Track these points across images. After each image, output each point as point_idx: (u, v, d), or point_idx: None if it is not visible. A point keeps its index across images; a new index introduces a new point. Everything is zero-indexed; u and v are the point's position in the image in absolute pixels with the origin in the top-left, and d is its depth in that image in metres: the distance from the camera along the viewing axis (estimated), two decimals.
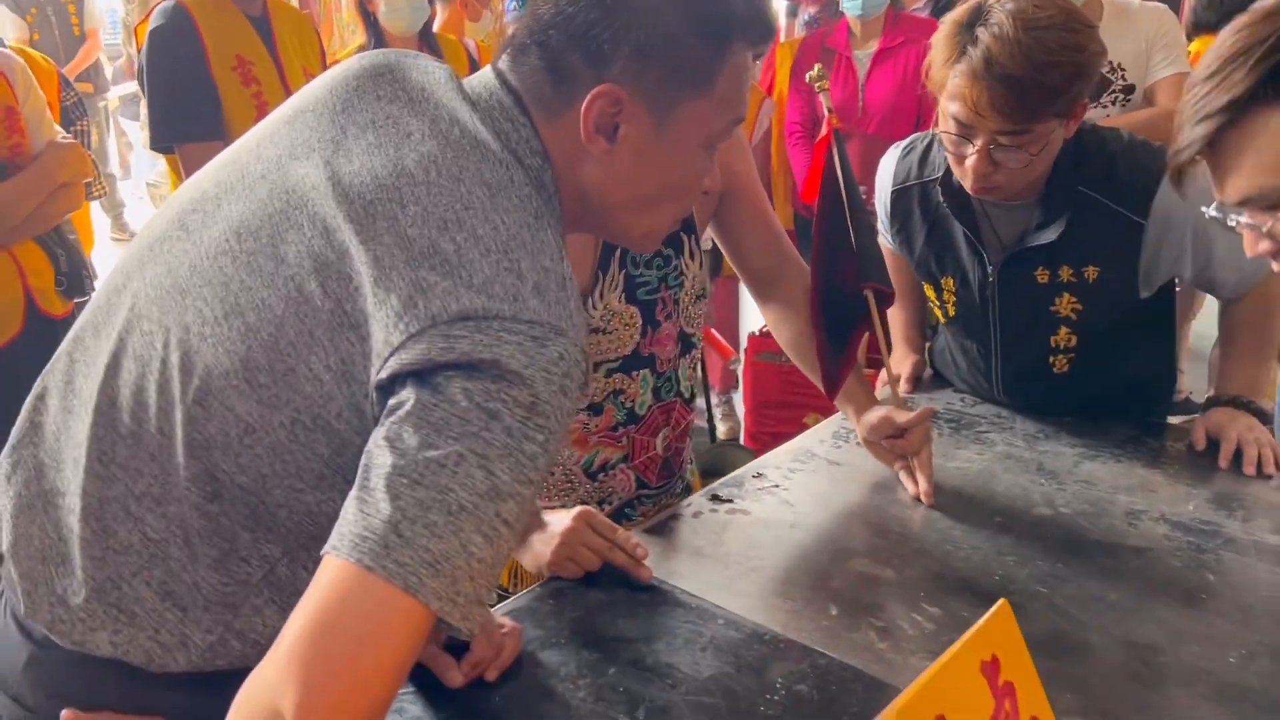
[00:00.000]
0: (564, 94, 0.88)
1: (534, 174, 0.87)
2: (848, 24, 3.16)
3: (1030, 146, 1.42)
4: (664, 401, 1.49)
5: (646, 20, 0.85)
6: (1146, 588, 1.22)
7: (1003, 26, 1.36)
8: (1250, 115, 0.91)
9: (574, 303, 0.82)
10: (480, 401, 0.75)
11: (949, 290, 1.68)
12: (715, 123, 0.91)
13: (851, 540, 1.35)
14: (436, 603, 0.73)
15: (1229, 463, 1.50)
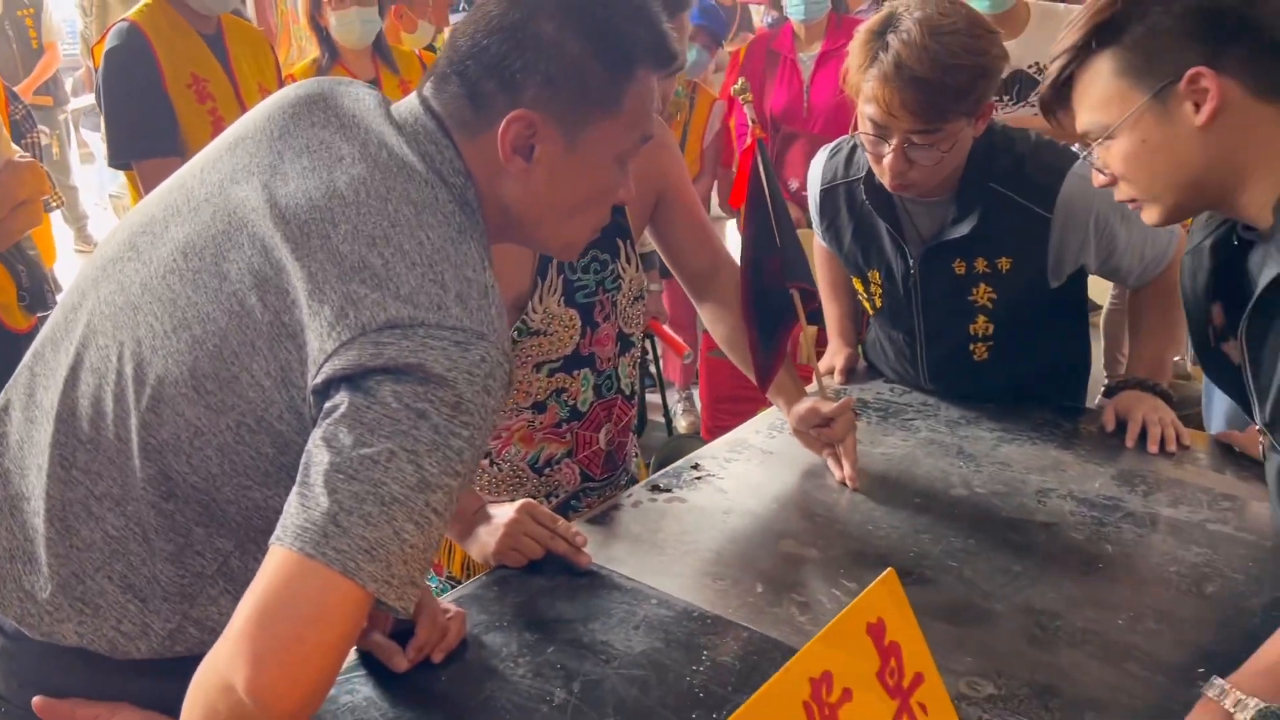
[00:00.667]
0: (483, 118, 0.96)
1: (457, 192, 0.95)
2: (792, 27, 3.25)
3: (941, 144, 1.52)
4: (605, 399, 1.58)
5: (554, 51, 0.93)
6: (1049, 559, 1.32)
7: (911, 33, 1.46)
8: (1084, 60, 1.11)
9: (495, 309, 0.90)
10: (409, 402, 0.83)
11: (875, 283, 1.77)
12: (624, 141, 1.00)
13: (780, 524, 1.44)
14: (373, 585, 0.81)
15: (1135, 442, 1.60)
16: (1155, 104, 1.07)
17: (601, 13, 0.95)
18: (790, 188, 3.25)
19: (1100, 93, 1.11)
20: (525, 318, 1.45)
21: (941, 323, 1.74)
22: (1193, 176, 1.09)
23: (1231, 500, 1.45)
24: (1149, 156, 1.09)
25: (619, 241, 1.54)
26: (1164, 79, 1.05)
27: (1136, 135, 1.09)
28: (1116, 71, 1.09)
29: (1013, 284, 1.66)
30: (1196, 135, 1.06)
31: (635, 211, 1.58)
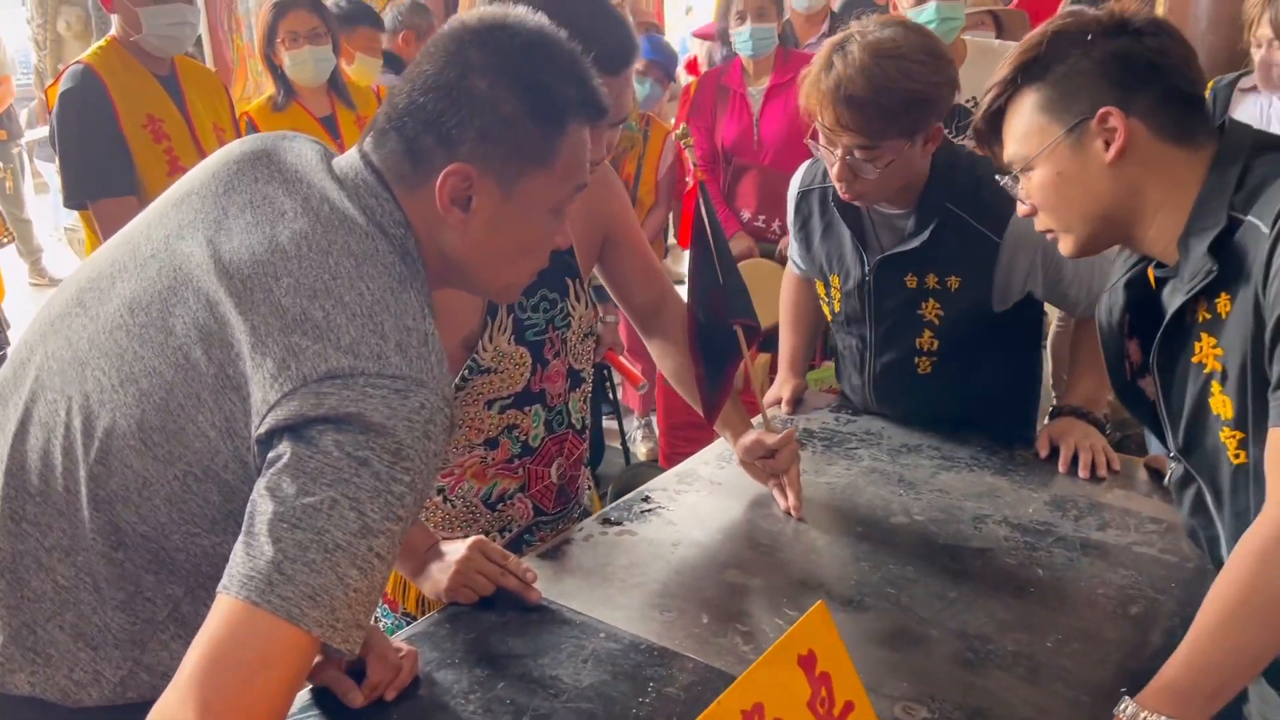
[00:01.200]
0: (421, 171, 1.00)
1: (398, 243, 0.99)
2: (741, 63, 3.32)
3: (879, 160, 1.60)
4: (556, 433, 1.61)
5: (489, 108, 0.98)
6: (983, 585, 1.37)
7: (854, 55, 1.55)
8: (1011, 96, 1.21)
9: (435, 356, 0.94)
10: (350, 451, 0.86)
11: (835, 287, 1.85)
12: (558, 192, 1.05)
13: (726, 554, 1.49)
14: (318, 630, 0.85)
15: (1068, 467, 1.66)
16: (1070, 139, 1.16)
17: (533, 71, 1.00)
18: (742, 218, 3.32)
19: (1023, 126, 1.20)
20: (476, 356, 1.49)
21: (891, 332, 1.81)
22: (1102, 209, 1.17)
23: (1157, 523, 1.51)
24: (1063, 187, 1.18)
25: (568, 280, 1.59)
26: (1078, 116, 1.15)
27: (1052, 167, 1.18)
28: (1038, 107, 1.18)
29: (960, 302, 1.73)
30: (1106, 170, 1.15)
31: (583, 251, 1.62)
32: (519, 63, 1.00)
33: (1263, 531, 1.04)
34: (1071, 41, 1.16)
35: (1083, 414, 1.74)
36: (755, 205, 3.27)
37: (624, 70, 1.39)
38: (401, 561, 1.42)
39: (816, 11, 3.89)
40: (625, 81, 1.41)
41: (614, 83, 1.38)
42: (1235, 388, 1.12)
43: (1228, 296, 1.11)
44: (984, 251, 1.69)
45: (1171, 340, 1.20)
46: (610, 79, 1.37)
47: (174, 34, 2.47)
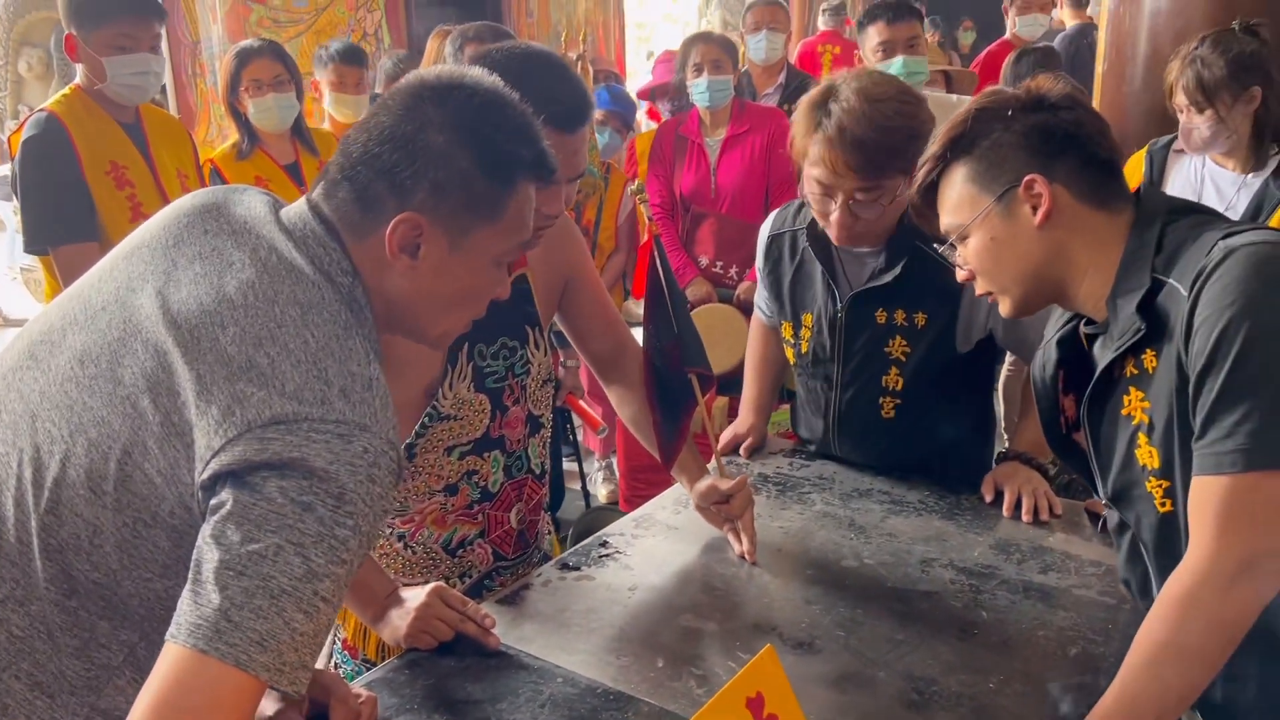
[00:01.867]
0: (371, 219, 1.03)
1: (345, 291, 1.02)
2: (698, 113, 3.41)
3: (882, 199, 1.68)
4: (515, 479, 1.65)
5: (443, 161, 1.02)
6: (930, 627, 1.42)
7: (850, 101, 1.64)
8: (943, 170, 1.29)
9: (379, 401, 0.97)
10: (294, 496, 0.89)
11: (806, 326, 1.91)
12: (503, 245, 1.09)
13: (682, 598, 1.52)
14: (265, 674, 0.87)
15: (1011, 511, 1.72)
16: (999, 206, 1.24)
17: (488, 130, 1.05)
18: (700, 264, 3.38)
19: (956, 197, 1.28)
20: (436, 403, 1.52)
21: (859, 369, 1.86)
22: (1034, 270, 1.24)
23: (1097, 566, 1.56)
24: (996, 252, 1.26)
25: (528, 328, 1.63)
26: (1006, 184, 1.23)
27: (985, 233, 1.26)
28: (968, 179, 1.27)
29: (926, 340, 1.80)
30: (1035, 234, 1.22)
31: (544, 299, 1.66)
32: (475, 120, 1.04)
33: (1184, 578, 1.10)
34: (994, 117, 1.25)
35: (1027, 459, 1.80)
36: (713, 252, 3.34)
37: (579, 129, 1.44)
38: (361, 608, 1.44)
39: (773, 63, 4.00)
40: (580, 139, 1.46)
41: (569, 140, 1.43)
42: (1161, 439, 1.19)
43: (1153, 353, 1.18)
44: (950, 287, 1.74)
45: (1101, 394, 1.26)
46: (566, 136, 1.42)
47: (138, 83, 2.50)
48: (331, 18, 4.24)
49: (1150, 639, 1.11)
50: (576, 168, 1.47)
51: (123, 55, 2.43)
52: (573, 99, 1.43)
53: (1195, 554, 1.10)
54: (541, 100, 1.40)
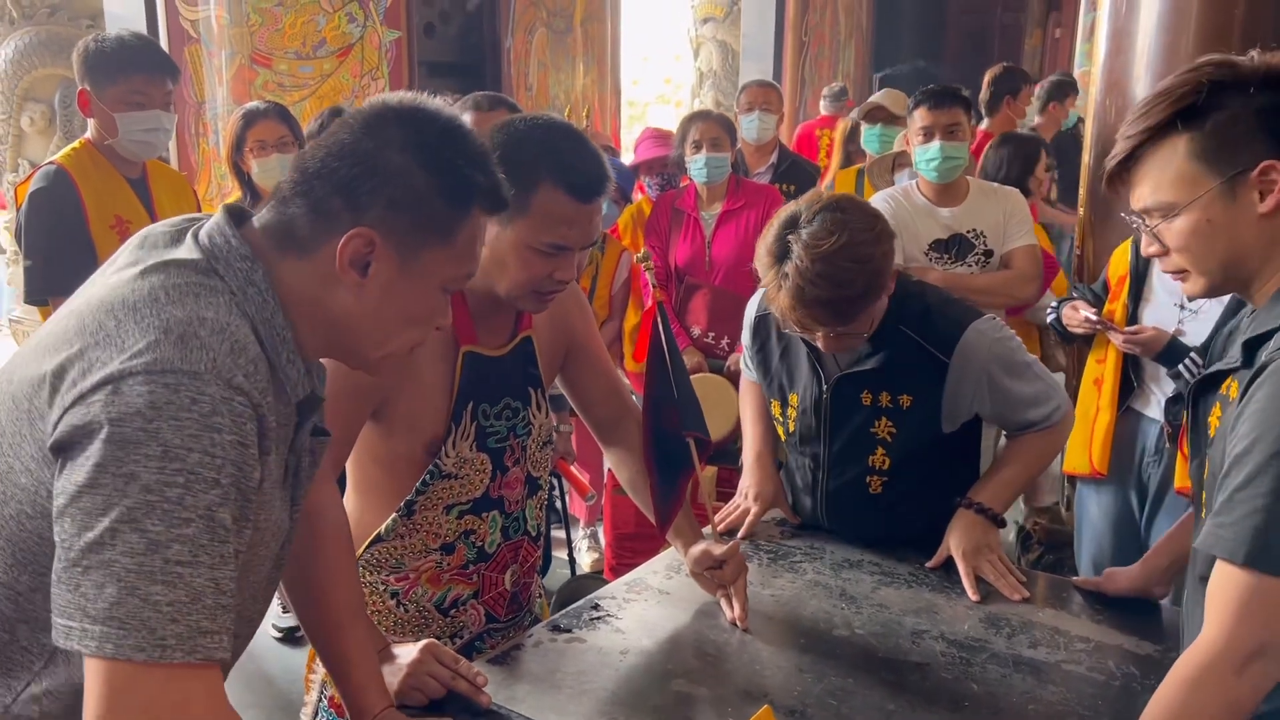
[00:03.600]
0: (323, 232, 1.04)
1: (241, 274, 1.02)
2: (695, 188, 3.48)
3: (861, 327, 1.73)
4: (512, 540, 1.65)
5: (401, 180, 1.04)
6: (921, 698, 1.42)
7: (802, 261, 1.63)
8: (1160, 139, 1.18)
9: (228, 346, 0.95)
10: (114, 470, 0.88)
11: (792, 406, 1.93)
12: (452, 271, 1.10)
13: (674, 663, 1.52)
14: (140, 655, 0.88)
15: (977, 596, 1.70)
16: (1225, 188, 1.16)
17: (448, 154, 1.07)
18: (692, 334, 3.42)
19: (1173, 172, 1.18)
20: (439, 461, 1.53)
21: (845, 449, 1.88)
22: (1242, 257, 1.19)
23: (1085, 642, 1.58)
24: (1210, 235, 1.18)
25: (530, 390, 1.65)
26: (1238, 167, 1.15)
27: (1202, 215, 1.17)
28: (1192, 154, 1.17)
29: (911, 421, 1.82)
30: (1256, 222, 1.16)
31: (546, 361, 1.69)
32: (436, 144, 1.07)
33: (1194, 659, 1.11)
34: (1231, 91, 1.15)
35: (981, 509, 1.81)
36: (706, 322, 3.39)
37: (596, 199, 1.49)
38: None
39: (765, 143, 4.11)
40: (596, 209, 1.50)
41: (587, 210, 1.47)
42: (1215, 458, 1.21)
43: (1237, 384, 1.19)
44: (933, 371, 1.79)
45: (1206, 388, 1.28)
46: (583, 206, 1.47)
47: (149, 139, 2.55)
48: (336, 84, 4.33)
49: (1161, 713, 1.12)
50: (590, 236, 1.51)
51: (136, 112, 2.48)
52: (594, 169, 1.47)
53: (1209, 634, 1.11)
54: (563, 169, 1.45)
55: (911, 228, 3.01)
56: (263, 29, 4.17)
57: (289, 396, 1.07)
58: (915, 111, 3.09)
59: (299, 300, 1.06)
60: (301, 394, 1.09)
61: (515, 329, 1.63)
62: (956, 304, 1.88)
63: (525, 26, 5.55)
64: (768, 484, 2.02)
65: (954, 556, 1.79)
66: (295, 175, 1.06)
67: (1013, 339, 1.83)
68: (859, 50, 9.73)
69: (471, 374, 1.55)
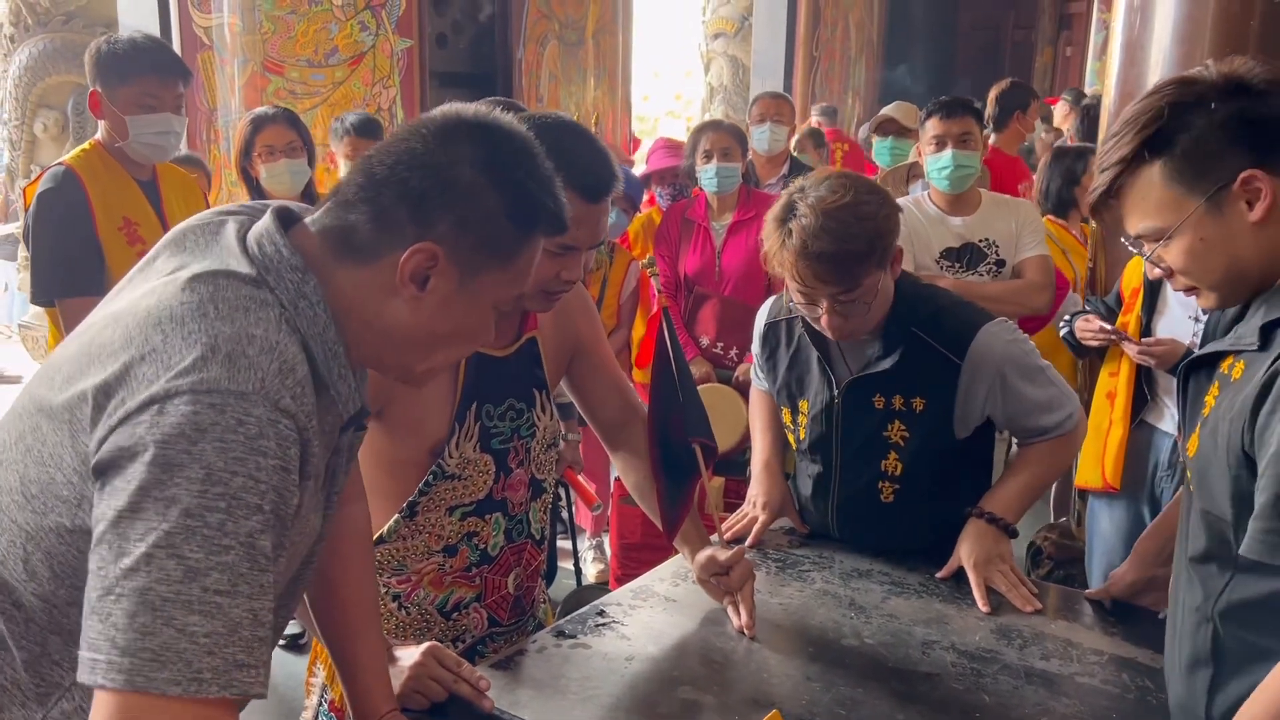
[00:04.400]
0: (386, 243, 1.01)
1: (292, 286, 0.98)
2: (705, 198, 3.47)
3: (865, 297, 1.69)
4: (515, 543, 1.63)
5: (472, 198, 1.02)
6: (931, 709, 1.39)
7: (806, 217, 1.64)
8: (1135, 170, 1.18)
9: (276, 365, 0.91)
10: (156, 494, 0.84)
11: (803, 413, 1.91)
12: (507, 292, 1.08)
13: (680, 670, 1.49)
14: (176, 689, 0.83)
15: (988, 607, 1.67)
16: (1210, 206, 1.15)
17: (519, 175, 1.05)
18: (701, 344, 3.41)
19: (1155, 200, 1.18)
20: (442, 462, 1.51)
21: (857, 455, 1.86)
22: (1247, 267, 1.17)
23: (1099, 655, 1.55)
24: (1206, 252, 1.17)
25: (535, 391, 1.63)
26: (1217, 182, 1.14)
27: (1194, 235, 1.16)
28: (1168, 179, 1.16)
29: (925, 425, 1.80)
30: (1250, 231, 1.14)
31: (552, 364, 1.67)
32: (509, 163, 1.04)
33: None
34: (1192, 110, 1.14)
35: (993, 519, 1.78)
36: (714, 333, 3.37)
37: (604, 198, 1.47)
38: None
39: (776, 154, 4.10)
40: (603, 210, 1.49)
41: (594, 209, 1.46)
42: (1202, 435, 1.19)
43: (1243, 365, 1.17)
44: (946, 373, 1.77)
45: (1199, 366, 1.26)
46: (591, 205, 1.45)
47: (160, 142, 2.54)
48: (347, 92, 4.34)
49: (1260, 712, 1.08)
50: (598, 236, 1.50)
51: (147, 115, 2.47)
52: (602, 169, 1.46)
53: None
54: (571, 168, 1.43)
55: (923, 236, 2.99)
56: (275, 36, 4.18)
57: (339, 411, 1.05)
58: (927, 122, 3.08)
59: (351, 309, 1.03)
60: (352, 409, 1.07)
61: (520, 330, 1.62)
62: (969, 306, 1.85)
63: (537, 38, 5.57)
64: (776, 492, 2.00)
65: (965, 567, 1.76)
66: (361, 179, 1.03)
67: (1026, 342, 1.80)
68: (869, 66, 9.74)
69: (476, 375, 1.54)
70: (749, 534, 1.95)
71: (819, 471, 1.93)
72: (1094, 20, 9.18)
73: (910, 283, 1.82)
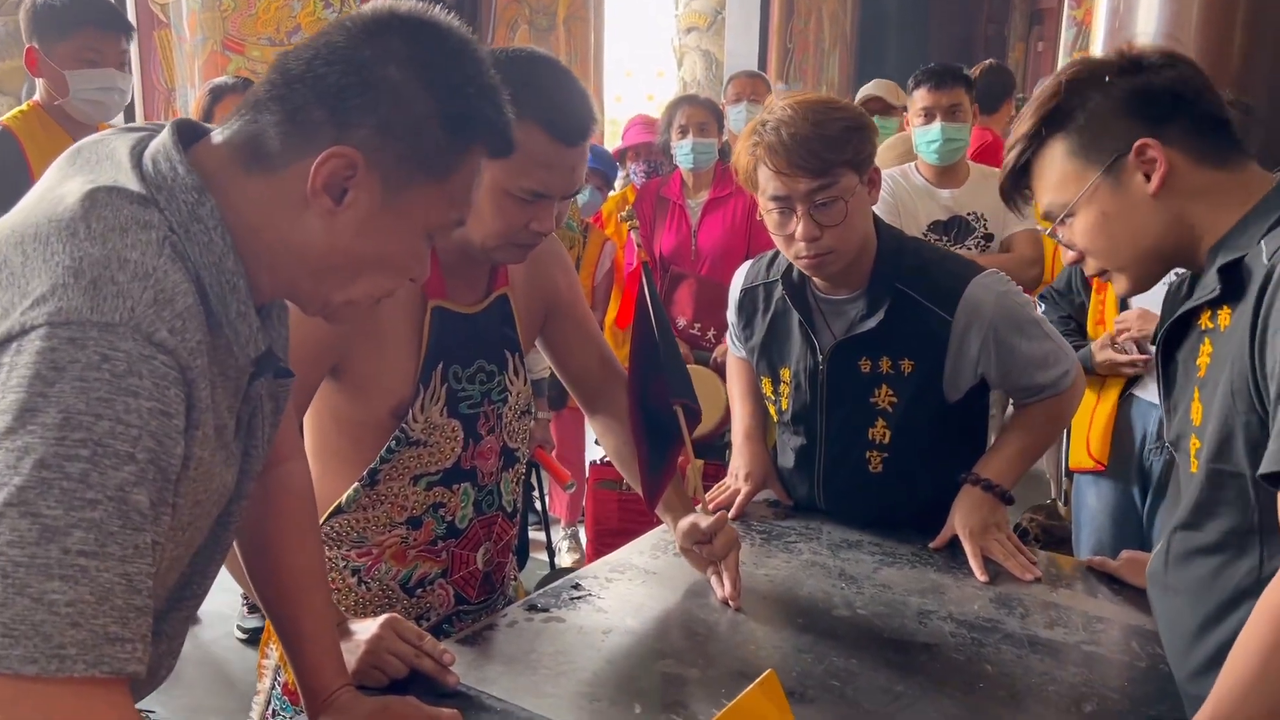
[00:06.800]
0: (297, 147, 0.88)
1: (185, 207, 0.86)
2: (681, 175, 3.38)
3: (842, 198, 1.58)
4: (485, 515, 1.52)
5: (399, 99, 0.89)
6: (931, 680, 1.30)
7: (784, 110, 1.59)
8: (1038, 148, 1.21)
9: (151, 294, 0.80)
10: (7, 445, 0.73)
11: (785, 382, 1.80)
12: (440, 214, 0.95)
13: (661, 643, 1.39)
14: (31, 668, 0.71)
15: (985, 576, 1.59)
16: (1108, 178, 1.16)
17: (456, 79, 0.93)
18: (678, 325, 3.31)
19: (1057, 174, 1.20)
20: (405, 427, 1.41)
21: (843, 423, 1.76)
22: (1152, 243, 1.17)
23: (1104, 623, 1.46)
24: (1109, 227, 1.18)
25: (507, 353, 1.53)
26: (1113, 154, 1.15)
27: (1095, 209, 1.18)
28: (1068, 153, 1.19)
29: (913, 389, 1.70)
30: (1150, 204, 1.15)
31: (525, 323, 1.57)
32: (445, 65, 0.92)
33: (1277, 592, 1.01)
34: (1089, 85, 1.18)
35: (989, 485, 1.69)
36: (691, 313, 3.28)
37: (582, 141, 1.37)
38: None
39: None
40: (580, 155, 1.38)
41: (572, 153, 1.35)
42: (1207, 397, 1.12)
43: (1229, 311, 1.12)
44: (936, 330, 1.66)
45: (1176, 338, 1.22)
46: (567, 150, 1.35)
47: (102, 99, 2.40)
48: None
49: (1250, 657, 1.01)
50: (573, 184, 1.39)
51: (88, 70, 2.34)
52: (580, 110, 1.36)
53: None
54: (545, 107, 1.32)
55: (910, 208, 2.91)
56: (236, 14, 4.04)
57: (237, 355, 0.92)
58: (915, 92, 2.99)
59: (259, 227, 0.90)
60: (254, 352, 0.93)
61: (490, 285, 1.51)
62: (957, 259, 1.76)
63: (507, 22, 5.46)
64: (759, 463, 1.90)
65: (959, 536, 1.67)
66: (275, 76, 0.90)
67: (1019, 293, 1.70)
68: (843, 59, 9.68)
69: (441, 332, 1.43)
70: (732, 506, 1.85)
71: (802, 444, 1.83)
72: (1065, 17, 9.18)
73: (894, 236, 1.73)
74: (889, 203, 2.92)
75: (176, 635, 1.03)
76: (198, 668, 3.03)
